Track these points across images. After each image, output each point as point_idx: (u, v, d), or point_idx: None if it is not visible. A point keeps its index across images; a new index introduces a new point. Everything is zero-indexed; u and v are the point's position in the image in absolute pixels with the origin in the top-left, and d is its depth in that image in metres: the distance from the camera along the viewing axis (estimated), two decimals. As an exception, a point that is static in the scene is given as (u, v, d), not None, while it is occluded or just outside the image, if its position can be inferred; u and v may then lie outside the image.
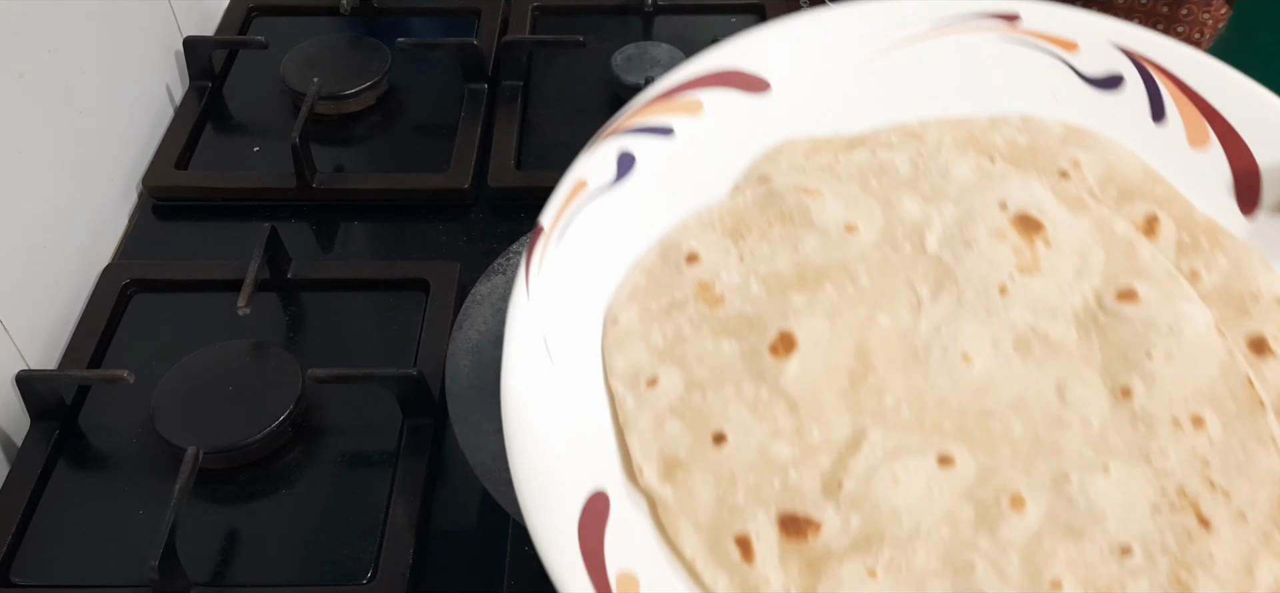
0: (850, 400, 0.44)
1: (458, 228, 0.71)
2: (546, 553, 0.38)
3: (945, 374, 0.44)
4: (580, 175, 0.48)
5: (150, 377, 0.58)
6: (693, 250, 0.49)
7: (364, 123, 0.79)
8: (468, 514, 0.56)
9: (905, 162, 0.51)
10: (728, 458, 0.42)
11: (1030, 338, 0.45)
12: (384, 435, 0.58)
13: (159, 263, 0.69)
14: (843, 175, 0.51)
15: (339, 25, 0.88)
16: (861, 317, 0.46)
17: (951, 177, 0.50)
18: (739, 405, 0.44)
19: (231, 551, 0.54)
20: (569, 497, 0.40)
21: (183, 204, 0.73)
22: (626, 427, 0.44)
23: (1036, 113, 0.53)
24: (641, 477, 0.43)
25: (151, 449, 0.57)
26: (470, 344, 0.57)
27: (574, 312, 0.46)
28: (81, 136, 0.69)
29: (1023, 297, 0.45)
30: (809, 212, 0.49)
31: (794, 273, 0.47)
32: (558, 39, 0.83)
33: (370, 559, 0.53)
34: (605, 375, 0.46)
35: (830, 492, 0.41)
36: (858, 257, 0.47)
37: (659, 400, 0.44)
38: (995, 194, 0.49)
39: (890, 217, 0.49)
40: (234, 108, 0.81)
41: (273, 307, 0.66)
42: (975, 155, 0.51)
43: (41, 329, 0.63)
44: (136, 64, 0.76)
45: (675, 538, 0.41)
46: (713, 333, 0.46)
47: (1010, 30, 0.54)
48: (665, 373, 0.45)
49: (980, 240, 0.47)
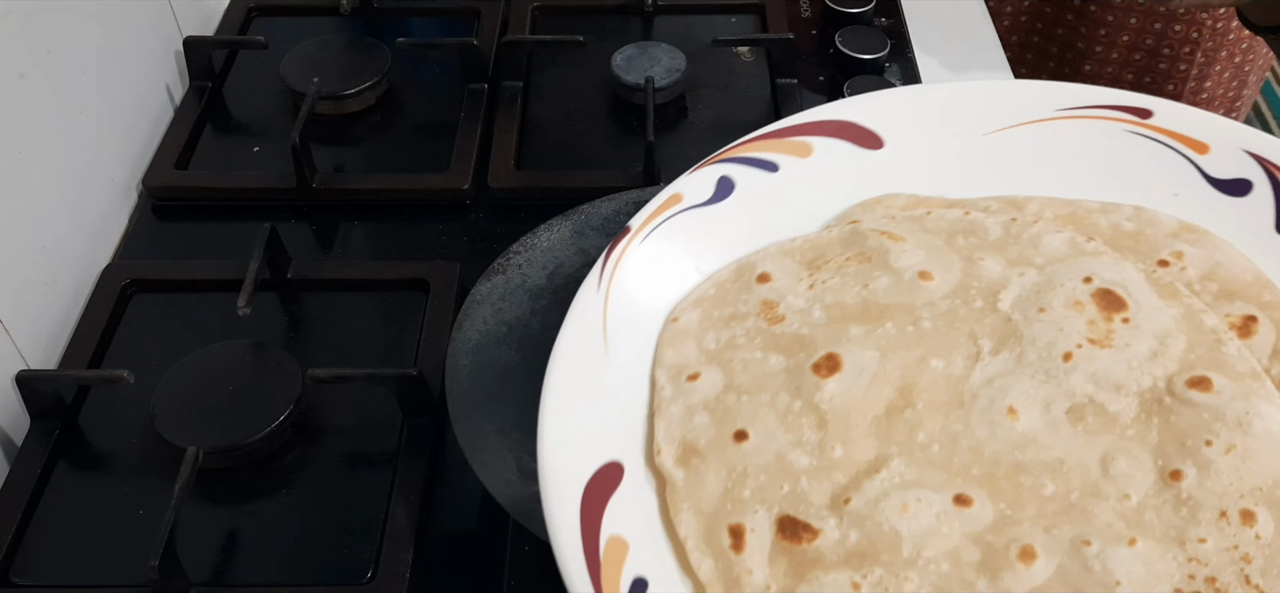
0: (881, 429, 0.43)
1: (458, 228, 0.71)
2: (548, 502, 0.40)
3: (985, 424, 0.43)
4: (678, 189, 0.50)
5: (150, 377, 0.58)
6: (766, 272, 0.50)
7: (364, 123, 0.79)
8: (468, 514, 0.56)
9: (997, 226, 0.50)
10: (744, 456, 0.43)
11: (1085, 407, 0.43)
12: (384, 436, 0.58)
13: (159, 263, 0.69)
14: (931, 228, 0.51)
15: (339, 25, 0.88)
16: (914, 357, 0.45)
17: (1042, 246, 0.49)
18: (770, 412, 0.44)
19: (231, 551, 0.54)
20: (585, 458, 0.42)
21: (183, 204, 0.73)
22: (658, 411, 0.45)
23: (1152, 206, 0.51)
24: (658, 456, 0.44)
25: (151, 449, 0.57)
26: (470, 344, 0.57)
27: (639, 308, 0.48)
28: (81, 137, 0.69)
29: (1087, 366, 0.44)
30: (888, 254, 0.49)
31: (859, 307, 0.48)
32: (558, 39, 0.83)
33: (370, 559, 0.53)
34: (652, 365, 0.48)
35: (836, 506, 0.41)
36: (925, 302, 0.47)
37: (694, 394, 0.46)
38: (1083, 268, 0.47)
39: (969, 273, 0.48)
40: (234, 108, 0.81)
41: (273, 307, 0.66)
42: (1072, 231, 0.50)
43: (41, 329, 0.63)
44: (136, 64, 0.76)
45: (674, 517, 0.42)
46: (764, 346, 0.47)
47: (1139, 124, 0.53)
48: (708, 372, 0.46)
49: (1055, 307, 0.46)
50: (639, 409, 0.46)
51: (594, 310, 0.46)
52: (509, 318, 0.59)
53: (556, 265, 0.62)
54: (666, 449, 0.44)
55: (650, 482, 0.44)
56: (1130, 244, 0.49)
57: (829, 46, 0.83)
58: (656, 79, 0.78)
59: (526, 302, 0.60)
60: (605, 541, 0.40)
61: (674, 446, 0.44)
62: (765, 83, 0.82)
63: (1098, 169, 0.52)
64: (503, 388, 0.57)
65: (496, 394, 0.56)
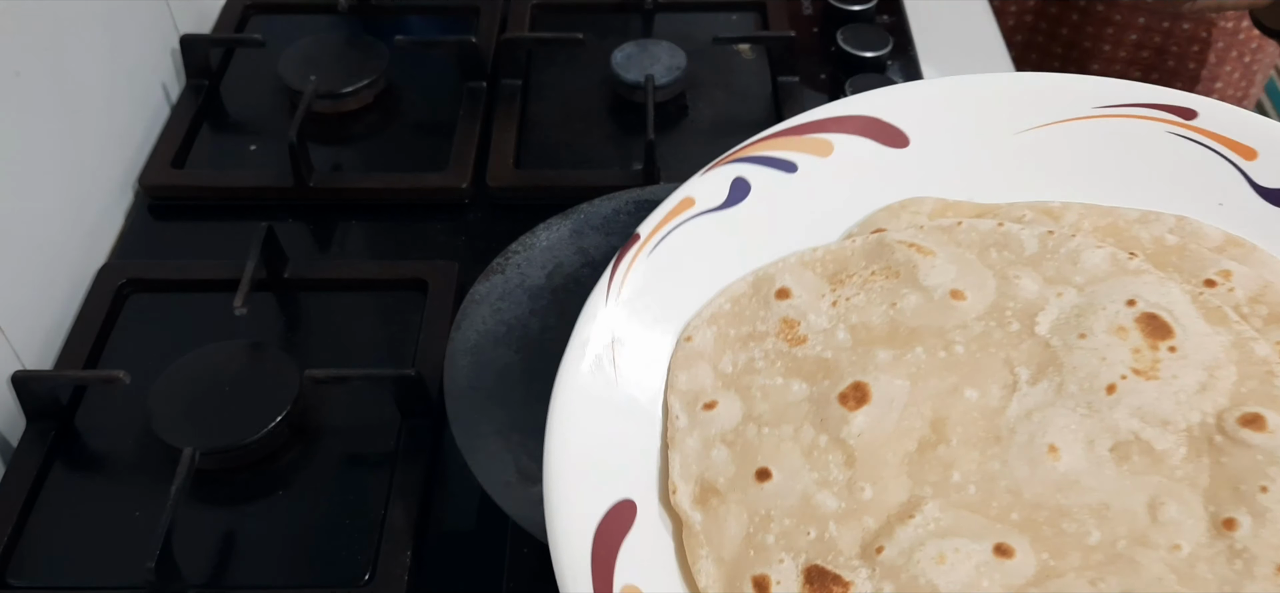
0: (913, 467, 0.41)
1: (456, 227, 0.71)
2: (557, 548, 0.37)
3: (1025, 463, 0.40)
4: (690, 193, 0.48)
5: (146, 377, 0.58)
6: (785, 286, 0.47)
7: (361, 121, 0.79)
8: (466, 516, 0.56)
9: (1033, 239, 0.47)
10: (767, 496, 0.40)
11: (1131, 445, 0.40)
12: (382, 436, 0.58)
13: (155, 263, 0.68)
14: (962, 240, 0.48)
15: (336, 23, 0.88)
16: (947, 386, 0.42)
17: (1081, 263, 0.46)
18: (794, 447, 0.42)
19: (228, 552, 0.54)
20: (596, 498, 0.39)
21: (179, 203, 0.73)
22: (672, 444, 0.43)
23: (1195, 216, 0.48)
24: (674, 496, 0.41)
25: (148, 450, 0.57)
26: (469, 344, 0.57)
27: (649, 325, 0.45)
28: (77, 135, 0.68)
29: (1132, 399, 0.41)
30: (916, 270, 0.46)
31: (886, 329, 0.45)
32: (557, 37, 0.83)
33: (368, 561, 0.52)
34: (665, 390, 0.45)
35: (867, 555, 0.38)
36: (958, 325, 0.44)
37: (712, 425, 0.43)
38: (1125, 290, 0.44)
39: (1004, 291, 0.45)
40: (231, 106, 0.80)
41: (270, 307, 0.65)
42: (1113, 247, 0.46)
43: (37, 329, 0.62)
44: (133, 62, 0.75)
45: (693, 565, 0.39)
46: (785, 371, 0.44)
47: (1182, 126, 0.50)
48: (725, 399, 0.44)
49: (1097, 333, 0.43)
50: (652, 439, 0.43)
51: (602, 329, 0.44)
52: (508, 318, 0.59)
53: (555, 265, 0.62)
54: (683, 488, 0.41)
55: (665, 522, 0.41)
56: (1174, 261, 0.47)
57: (830, 44, 0.83)
58: (657, 77, 0.77)
59: (525, 302, 0.60)
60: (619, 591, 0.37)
61: (691, 484, 0.41)
62: (766, 81, 0.81)
63: (1137, 174, 0.49)
64: (501, 388, 0.56)
65: (495, 395, 0.56)
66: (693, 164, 0.51)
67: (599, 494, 0.39)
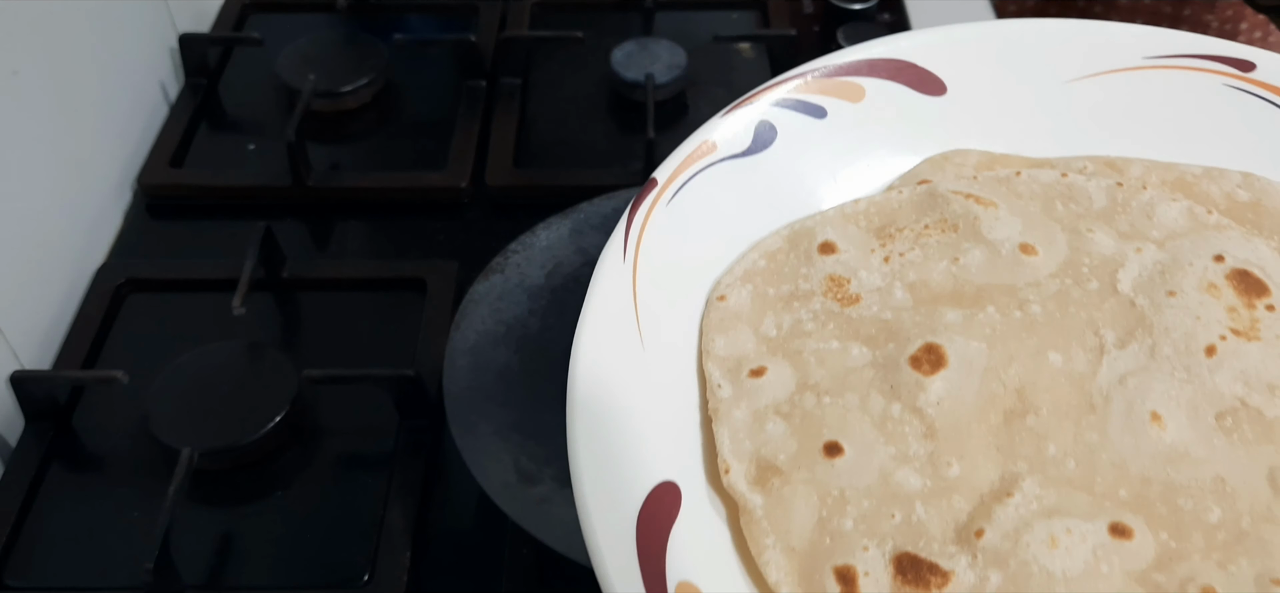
0: (1002, 441, 0.36)
1: (455, 227, 0.71)
2: (596, 544, 0.32)
3: (1127, 434, 0.36)
4: (710, 136, 0.44)
5: (145, 377, 0.58)
6: (830, 240, 0.42)
7: (360, 120, 0.79)
8: (465, 517, 0.56)
9: (1102, 192, 0.44)
10: (840, 475, 0.36)
11: (1239, 412, 0.37)
12: (380, 437, 0.57)
13: (153, 262, 0.68)
14: (1022, 192, 0.44)
15: (335, 22, 0.87)
16: (1028, 348, 0.38)
17: (1156, 218, 0.43)
18: (862, 418, 0.37)
19: (226, 553, 0.53)
20: (633, 482, 0.34)
21: (177, 203, 0.73)
22: (716, 416, 0.37)
23: (1259, 173, 0.45)
24: (727, 476, 0.36)
25: (146, 451, 0.56)
26: (468, 345, 0.57)
27: (673, 283, 0.41)
28: (75, 135, 0.68)
29: (1234, 363, 0.37)
30: (978, 222, 0.42)
31: (950, 287, 0.41)
32: (557, 35, 0.83)
33: (366, 562, 0.52)
34: (700, 358, 0.40)
35: (965, 540, 0.34)
36: (1031, 283, 0.40)
37: (762, 395, 0.38)
38: (1211, 246, 0.41)
39: (1077, 247, 0.42)
40: (229, 106, 0.80)
41: (268, 307, 0.65)
42: (1189, 201, 0.43)
43: (35, 329, 0.62)
44: (131, 61, 0.75)
45: (758, 556, 0.34)
46: (840, 333, 0.40)
47: (1239, 78, 0.47)
48: (775, 366, 0.39)
49: (1187, 291, 0.39)
50: (690, 413, 0.38)
51: (622, 288, 0.38)
52: (507, 318, 0.59)
53: (555, 264, 0.62)
54: (736, 466, 0.36)
55: (716, 507, 0.36)
56: (1250, 217, 0.43)
57: (831, 43, 0.82)
58: (657, 76, 0.77)
59: (525, 301, 0.60)
60: (673, 590, 0.32)
61: (745, 462, 0.36)
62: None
63: (1193, 128, 0.46)
64: (501, 389, 0.56)
65: (494, 395, 0.56)
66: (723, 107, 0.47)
67: (636, 478, 0.34)
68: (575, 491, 0.33)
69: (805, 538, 0.35)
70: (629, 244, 0.39)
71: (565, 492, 0.52)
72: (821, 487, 0.36)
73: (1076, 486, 0.35)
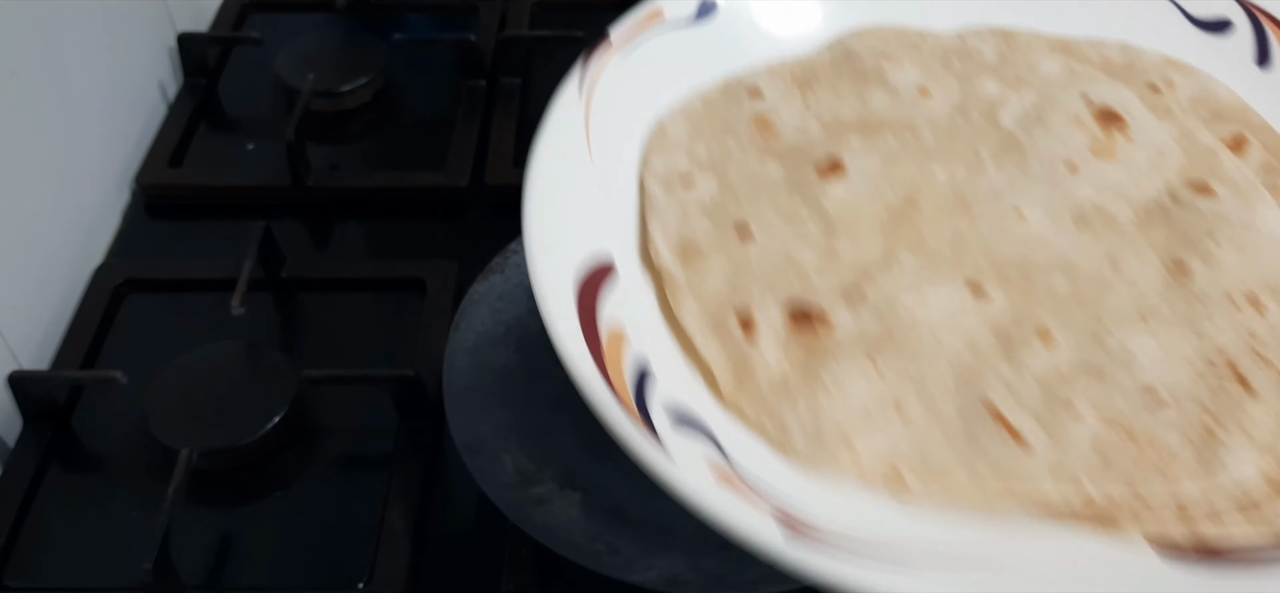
0: (888, 230, 0.44)
1: (455, 227, 0.71)
2: (543, 299, 0.38)
3: (994, 224, 0.44)
4: (658, 5, 0.50)
5: (143, 378, 0.58)
6: (757, 86, 0.50)
7: (360, 120, 0.79)
8: (465, 517, 0.56)
9: (992, 51, 0.52)
10: (749, 252, 0.43)
11: (1092, 214, 0.44)
12: (380, 437, 0.57)
13: (152, 262, 0.68)
14: (926, 51, 0.52)
15: (334, 21, 0.87)
16: (918, 166, 0.46)
17: (1038, 70, 0.51)
18: (773, 212, 0.45)
19: (226, 553, 0.53)
20: (577, 256, 0.41)
21: (176, 203, 0.73)
22: (650, 213, 0.45)
23: (1136, 44, 0.53)
24: (655, 254, 0.43)
25: (145, 451, 0.56)
26: (467, 345, 0.57)
27: (621, 119, 0.48)
28: (74, 134, 0.68)
29: (1092, 176, 0.46)
30: (884, 73, 0.50)
31: (857, 120, 0.48)
32: (556, 35, 0.83)
33: (366, 563, 0.52)
34: (640, 174, 0.47)
35: (849, 298, 0.41)
36: (926, 118, 0.48)
37: (690, 199, 0.45)
38: (1080, 88, 0.49)
39: (967, 92, 0.50)
40: (228, 105, 0.80)
41: (267, 307, 0.65)
42: (1066, 57, 0.52)
43: (34, 329, 0.62)
44: (130, 61, 0.75)
45: (677, 308, 0.41)
46: (760, 156, 0.47)
47: None
48: (703, 179, 0.46)
49: (1056, 123, 0.48)
50: (628, 214, 0.45)
51: (575, 117, 0.46)
52: (507, 318, 0.59)
53: (555, 264, 0.62)
54: (664, 246, 0.43)
55: (646, 281, 0.43)
56: (1121, 73, 0.51)
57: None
58: None
59: (524, 301, 0.60)
60: (605, 334, 0.39)
61: (671, 242, 0.43)
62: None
63: (1079, 7, 0.55)
64: (500, 389, 0.56)
65: (494, 395, 0.56)
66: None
67: (578, 250, 0.41)
68: (529, 262, 0.39)
69: (716, 295, 0.42)
70: (584, 84, 0.47)
71: (564, 493, 0.52)
72: (733, 260, 0.43)
73: (947, 262, 0.43)
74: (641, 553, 0.49)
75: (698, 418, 0.38)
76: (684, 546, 0.50)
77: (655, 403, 0.37)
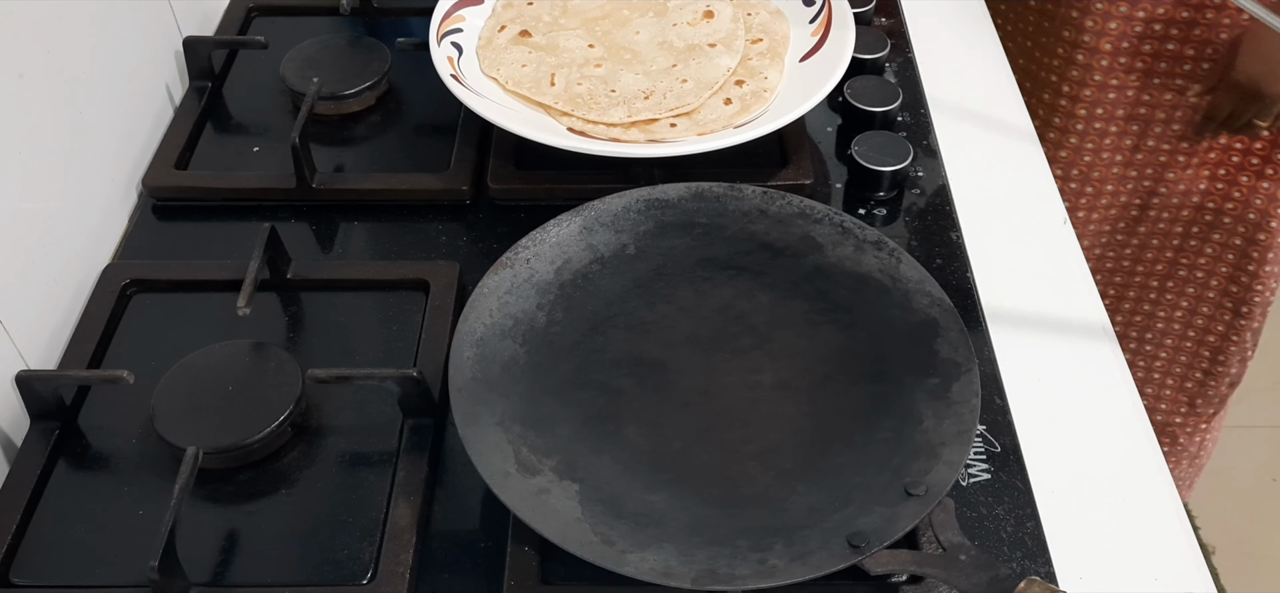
0: (590, 25, 0.80)
1: (457, 228, 0.71)
2: None
3: (623, 29, 0.80)
4: None
5: (150, 377, 0.58)
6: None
7: (364, 123, 0.79)
8: (468, 514, 0.56)
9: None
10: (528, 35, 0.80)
11: (671, 36, 0.79)
12: (384, 436, 0.58)
13: (159, 263, 0.68)
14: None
15: (339, 25, 0.88)
16: (614, 7, 0.82)
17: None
18: (539, 26, 0.81)
19: (231, 551, 0.54)
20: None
21: (182, 204, 0.73)
22: (482, 46, 0.79)
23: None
24: (481, 47, 0.79)
25: (151, 450, 0.57)
26: (474, 336, 0.57)
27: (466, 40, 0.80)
28: (81, 137, 0.69)
29: (690, 29, 0.79)
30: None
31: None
32: (558, 39, 0.83)
33: (370, 559, 0.53)
34: (477, 56, 0.79)
35: (547, 32, 0.79)
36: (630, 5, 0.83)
37: (502, 38, 0.79)
38: (705, 5, 0.81)
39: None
40: (234, 108, 0.81)
41: (272, 307, 0.66)
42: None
43: (41, 329, 0.63)
44: (136, 64, 0.76)
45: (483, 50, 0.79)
46: (537, 17, 0.82)
47: None
48: (509, 28, 0.80)
49: (686, 10, 0.81)
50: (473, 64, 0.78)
51: (443, 48, 0.77)
52: (515, 311, 0.59)
53: (564, 261, 0.62)
54: (484, 53, 0.79)
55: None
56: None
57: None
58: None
59: (533, 296, 0.60)
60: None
61: (486, 49, 0.79)
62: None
63: None
64: (505, 380, 0.57)
65: (498, 386, 0.56)
66: (694, 162, 0.51)
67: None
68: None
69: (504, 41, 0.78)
70: (437, 35, 0.77)
71: (564, 484, 0.52)
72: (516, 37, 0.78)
73: (593, 35, 0.79)
74: (635, 546, 0.50)
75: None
76: (676, 539, 0.51)
77: None
